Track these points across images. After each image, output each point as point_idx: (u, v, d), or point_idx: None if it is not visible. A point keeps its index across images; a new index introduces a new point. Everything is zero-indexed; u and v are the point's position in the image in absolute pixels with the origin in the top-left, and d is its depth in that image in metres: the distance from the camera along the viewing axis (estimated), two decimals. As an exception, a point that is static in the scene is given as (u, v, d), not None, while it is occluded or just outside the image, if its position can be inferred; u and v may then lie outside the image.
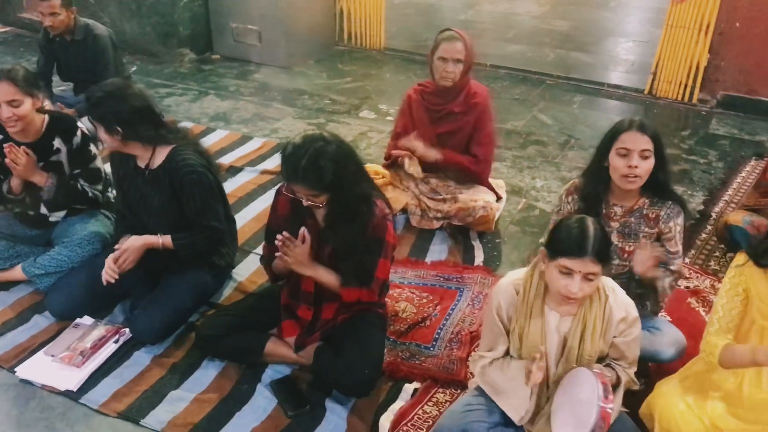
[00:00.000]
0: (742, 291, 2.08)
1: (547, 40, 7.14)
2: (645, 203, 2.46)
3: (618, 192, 2.45)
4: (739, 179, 4.18)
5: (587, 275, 1.92)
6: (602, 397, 1.83)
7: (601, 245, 1.93)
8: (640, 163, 2.31)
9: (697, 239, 3.54)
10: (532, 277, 2.10)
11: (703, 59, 5.20)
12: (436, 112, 3.42)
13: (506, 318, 2.14)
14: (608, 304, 2.07)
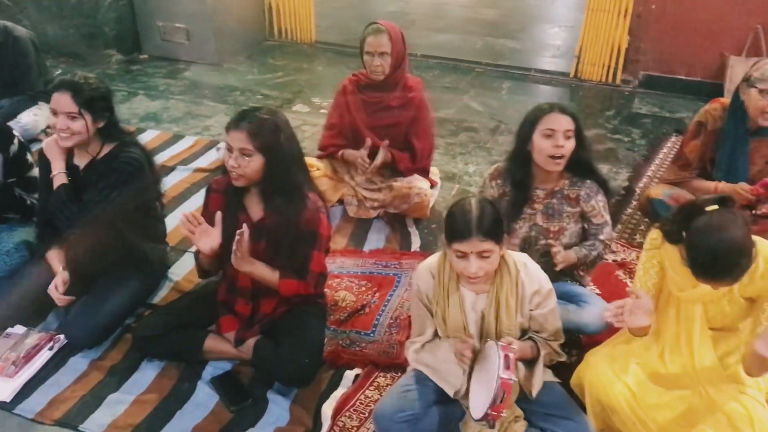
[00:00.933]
0: (657, 264, 2.19)
1: (476, 28, 7.25)
2: (565, 184, 2.56)
3: (539, 175, 2.53)
4: (661, 155, 4.36)
5: (481, 254, 1.99)
6: (503, 367, 1.88)
7: (487, 223, 1.99)
8: (565, 143, 2.40)
9: (623, 214, 3.68)
10: (445, 261, 2.16)
11: (623, 41, 5.38)
12: (373, 105, 3.45)
13: (427, 301, 2.20)
14: (520, 279, 2.14)
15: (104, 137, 2.64)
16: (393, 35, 3.27)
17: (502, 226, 2.09)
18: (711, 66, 5.21)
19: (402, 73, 3.40)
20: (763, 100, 2.82)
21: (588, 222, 2.60)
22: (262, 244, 2.42)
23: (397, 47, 3.29)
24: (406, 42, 3.39)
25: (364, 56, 3.33)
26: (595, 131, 4.76)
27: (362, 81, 3.45)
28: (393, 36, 3.27)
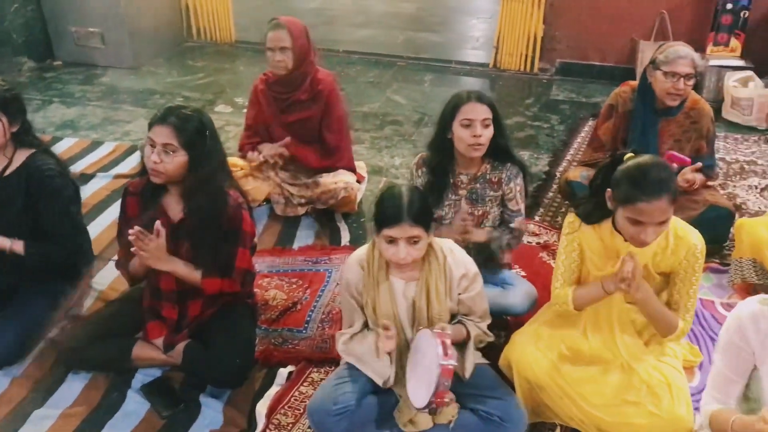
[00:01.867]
0: (577, 246, 2.26)
1: (397, 23, 7.32)
2: (487, 168, 2.61)
3: (462, 161, 2.58)
4: (579, 139, 4.50)
5: (410, 239, 2.02)
6: (442, 354, 1.91)
7: (416, 209, 2.02)
8: (483, 131, 2.45)
9: (544, 198, 3.79)
10: (373, 251, 2.18)
11: (539, 30, 5.53)
12: (283, 101, 3.44)
13: (357, 293, 2.22)
14: (447, 264, 2.18)
15: (17, 143, 2.56)
16: (293, 30, 3.25)
17: (431, 213, 2.13)
18: (623, 51, 5.41)
19: (309, 66, 3.37)
20: (669, 81, 2.95)
21: (505, 207, 2.66)
22: (184, 245, 2.38)
23: (299, 41, 3.27)
24: (311, 36, 3.37)
25: (267, 53, 3.32)
26: (515, 119, 4.88)
27: (271, 78, 3.44)
28: (293, 30, 3.25)
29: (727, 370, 1.85)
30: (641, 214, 1.94)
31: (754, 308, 1.78)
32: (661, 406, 2.11)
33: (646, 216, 1.94)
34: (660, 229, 1.99)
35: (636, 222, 1.97)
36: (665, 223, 1.99)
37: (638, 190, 1.93)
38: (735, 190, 3.88)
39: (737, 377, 1.84)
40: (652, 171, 1.95)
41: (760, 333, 1.76)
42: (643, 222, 1.96)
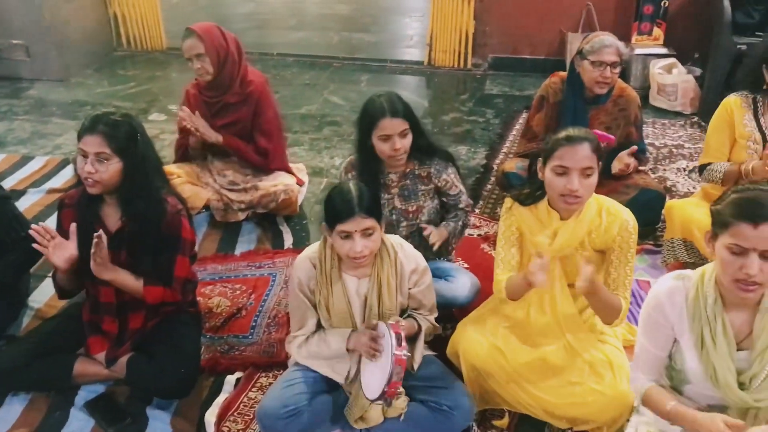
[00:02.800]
0: (515, 230, 2.31)
1: (331, 24, 7.32)
2: (415, 165, 2.65)
3: (388, 161, 2.61)
4: (514, 131, 4.59)
5: (365, 232, 2.04)
6: (395, 345, 1.95)
7: (367, 200, 2.04)
8: (402, 142, 2.48)
9: (483, 190, 3.85)
10: (325, 249, 2.18)
11: (470, 27, 5.61)
12: (213, 105, 3.40)
13: (309, 292, 2.21)
14: (398, 259, 2.20)
15: None
16: (204, 35, 3.21)
17: (380, 204, 2.16)
18: (552, 43, 5.54)
19: (234, 68, 3.33)
20: (596, 70, 3.03)
21: (445, 195, 2.70)
22: (123, 254, 2.34)
23: (214, 45, 3.23)
24: (232, 37, 3.33)
25: (188, 63, 3.29)
26: (452, 115, 4.94)
27: (202, 84, 3.40)
28: (204, 36, 3.21)
29: (651, 345, 1.91)
30: (564, 158, 2.07)
31: (669, 284, 1.86)
32: (604, 384, 2.17)
33: (569, 160, 2.06)
34: (586, 182, 2.08)
35: (561, 171, 2.08)
36: (590, 177, 2.09)
37: (563, 140, 2.08)
38: (665, 174, 4.02)
39: (661, 352, 1.91)
40: (575, 129, 2.13)
41: (676, 307, 1.83)
42: (567, 168, 2.06)
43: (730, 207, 1.68)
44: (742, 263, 1.65)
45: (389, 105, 2.46)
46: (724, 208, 1.71)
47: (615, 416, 2.16)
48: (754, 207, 1.64)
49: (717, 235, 1.72)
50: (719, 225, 1.71)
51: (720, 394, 1.80)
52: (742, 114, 2.77)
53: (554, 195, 2.16)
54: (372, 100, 2.50)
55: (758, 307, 1.77)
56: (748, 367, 1.77)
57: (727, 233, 1.67)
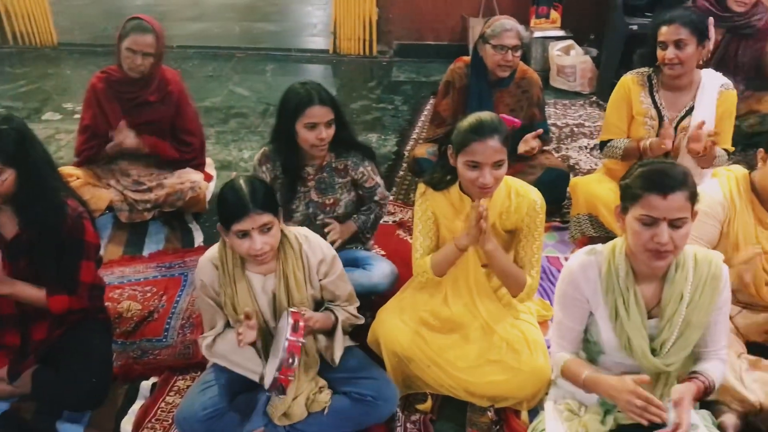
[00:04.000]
0: (431, 214, 2.33)
1: (232, 14, 7.16)
2: (332, 157, 2.63)
3: (306, 153, 2.57)
4: (422, 117, 4.62)
5: (262, 228, 1.99)
6: (290, 331, 1.91)
7: (261, 196, 1.99)
8: (327, 132, 2.46)
9: (395, 177, 3.87)
10: (225, 249, 2.13)
11: (373, 14, 5.61)
12: (129, 101, 3.24)
13: (214, 293, 2.15)
14: (303, 251, 2.16)
15: None
16: (159, 35, 3.11)
17: (275, 197, 2.11)
18: (455, 29, 5.61)
19: (159, 67, 3.25)
20: (498, 54, 3.09)
21: (361, 188, 2.70)
22: (23, 263, 2.20)
23: (161, 46, 3.15)
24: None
25: (123, 51, 3.11)
26: (360, 103, 4.93)
27: (114, 77, 3.23)
28: (159, 35, 3.11)
29: (567, 319, 1.97)
30: (475, 154, 2.08)
31: (582, 259, 1.92)
32: (521, 360, 2.23)
33: (480, 155, 2.08)
34: (497, 173, 2.11)
35: (473, 165, 2.10)
36: (501, 167, 2.12)
37: (472, 133, 2.09)
38: (568, 152, 4.15)
39: (577, 325, 1.97)
40: (483, 116, 2.14)
41: (590, 281, 1.89)
42: (479, 162, 2.08)
43: (639, 180, 1.75)
44: (653, 233, 1.72)
45: (317, 93, 2.44)
46: (633, 182, 1.77)
47: (534, 391, 2.22)
48: (662, 178, 1.71)
49: (627, 209, 1.79)
50: (629, 198, 1.77)
51: (634, 361, 1.87)
52: (639, 92, 2.89)
53: (467, 184, 2.19)
54: (295, 88, 2.47)
55: (665, 277, 1.85)
56: (658, 334, 1.86)
57: (637, 205, 1.74)
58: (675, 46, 2.71)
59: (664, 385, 1.89)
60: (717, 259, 1.87)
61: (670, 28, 2.71)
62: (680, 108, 2.85)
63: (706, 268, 1.85)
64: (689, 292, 1.83)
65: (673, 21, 2.71)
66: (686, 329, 1.84)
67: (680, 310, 1.83)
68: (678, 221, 1.71)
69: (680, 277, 1.84)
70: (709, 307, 1.84)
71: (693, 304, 1.83)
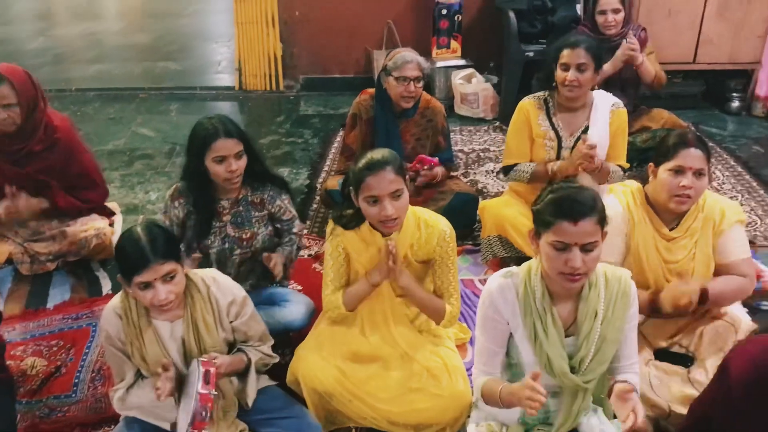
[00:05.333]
0: (341, 250, 2.33)
1: (132, 54, 7.03)
2: (248, 191, 2.60)
3: (220, 187, 2.54)
4: (333, 149, 4.64)
5: (163, 278, 1.93)
6: (202, 383, 1.87)
7: (161, 244, 1.93)
8: (237, 164, 2.44)
9: (309, 210, 3.86)
10: (128, 299, 2.06)
11: (278, 49, 5.62)
12: (12, 154, 3.04)
13: (120, 344, 2.08)
14: (212, 294, 2.12)
15: None
16: (16, 82, 2.91)
17: (176, 244, 2.06)
18: (359, 62, 5.69)
19: (40, 115, 3.05)
20: (400, 86, 3.15)
21: (279, 221, 2.68)
22: None
23: (26, 93, 2.95)
24: (36, 80, 3.04)
25: None
26: (270, 138, 4.91)
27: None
28: (16, 83, 2.90)
29: (489, 342, 2.00)
30: (371, 188, 2.12)
31: (500, 282, 1.96)
32: (442, 386, 2.25)
33: (376, 189, 2.11)
34: (398, 204, 2.14)
35: (373, 200, 2.13)
36: (401, 197, 2.15)
37: (365, 170, 2.12)
38: (476, 177, 4.26)
39: (498, 348, 2.00)
40: (374, 153, 2.17)
41: (508, 303, 1.93)
42: (377, 196, 2.12)
43: (550, 207, 1.80)
44: (566, 258, 1.77)
45: (222, 126, 2.42)
46: (544, 208, 1.82)
47: (455, 416, 2.24)
48: (572, 205, 1.77)
49: (540, 234, 1.84)
50: (541, 224, 1.82)
51: (554, 381, 1.91)
52: (537, 115, 3.01)
53: (372, 221, 2.22)
54: (202, 123, 2.44)
55: (580, 295, 1.91)
56: (576, 352, 1.91)
57: (550, 231, 1.79)
58: (576, 69, 2.84)
59: (582, 400, 1.94)
60: (626, 276, 1.96)
61: (575, 52, 2.83)
62: (576, 128, 2.99)
63: (616, 285, 1.93)
64: (602, 309, 1.90)
65: (577, 45, 2.84)
66: (602, 345, 1.90)
67: (595, 327, 1.89)
68: (589, 245, 1.77)
69: (593, 295, 1.90)
70: (622, 322, 1.91)
71: (607, 321, 1.90)
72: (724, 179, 4.21)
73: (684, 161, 2.25)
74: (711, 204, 2.39)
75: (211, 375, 1.89)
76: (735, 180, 4.20)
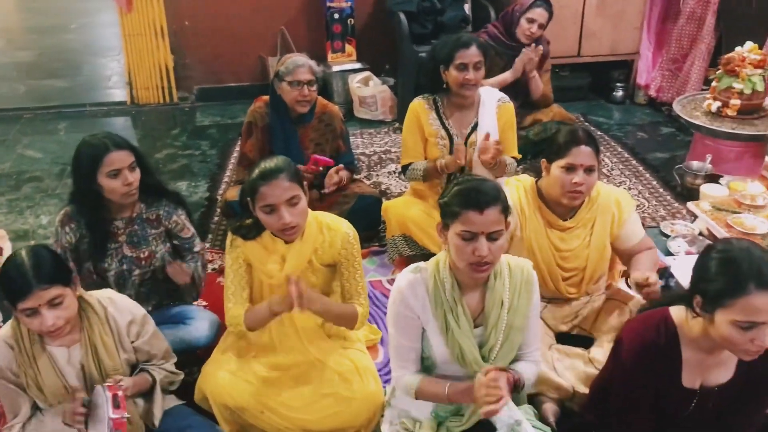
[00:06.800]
0: (242, 262, 2.29)
1: (13, 73, 6.67)
2: (142, 208, 2.52)
3: (114, 207, 2.45)
4: (232, 160, 4.56)
5: (49, 303, 1.86)
6: (111, 408, 1.82)
7: (47, 269, 1.87)
8: (133, 175, 2.37)
9: (210, 223, 3.78)
10: (19, 326, 1.97)
11: (169, 61, 5.48)
12: None
13: (13, 376, 1.98)
14: (110, 315, 2.05)
15: None
16: None
17: (65, 267, 1.98)
18: (254, 70, 5.62)
19: None
20: (294, 90, 3.14)
21: (177, 239, 2.60)
22: None
23: None
24: None
25: None
26: (166, 152, 4.78)
27: None
28: None
29: (403, 339, 2.01)
30: (266, 197, 2.10)
31: (409, 278, 1.98)
32: (353, 389, 2.25)
33: (271, 197, 2.10)
34: (294, 210, 2.14)
35: (269, 210, 2.12)
36: (297, 204, 2.14)
37: (260, 180, 2.10)
38: (379, 178, 4.29)
39: (413, 343, 2.01)
40: (267, 162, 2.15)
41: (418, 298, 1.96)
42: (273, 205, 2.11)
43: (457, 198, 1.84)
44: (473, 247, 1.81)
45: (110, 139, 2.34)
46: (450, 200, 1.86)
47: (369, 416, 2.25)
48: (477, 195, 1.81)
49: (448, 225, 1.87)
50: (449, 215, 1.86)
51: (466, 371, 1.95)
52: (428, 115, 3.06)
53: (272, 230, 2.20)
54: (87, 141, 2.36)
55: (486, 285, 1.96)
56: (485, 341, 1.95)
57: (457, 222, 1.82)
58: (474, 68, 2.90)
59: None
60: (528, 266, 2.02)
61: (470, 51, 2.89)
62: (466, 125, 3.06)
63: (519, 275, 1.99)
64: (508, 298, 1.95)
65: (470, 44, 2.91)
66: (510, 333, 1.95)
67: (502, 316, 1.94)
68: (495, 234, 1.82)
69: (499, 284, 1.95)
70: (527, 310, 1.97)
71: (513, 309, 1.95)
72: (613, 165, 4.42)
73: (575, 159, 2.34)
74: (605, 195, 2.51)
75: (120, 398, 1.84)
76: (623, 166, 4.42)
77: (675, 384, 1.85)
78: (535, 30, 3.96)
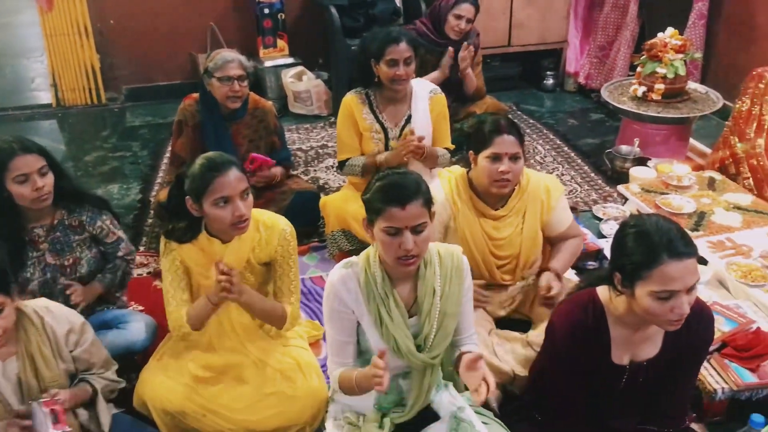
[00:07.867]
0: (179, 264, 2.25)
1: (-72, 78, 6.36)
2: (63, 214, 2.44)
3: (31, 214, 2.37)
4: (165, 160, 4.46)
5: None
6: (51, 425, 1.78)
7: None
8: (43, 180, 2.28)
9: (144, 226, 3.70)
10: None
11: (95, 61, 5.33)
12: None
13: None
14: (47, 325, 1.98)
15: None
16: None
17: (5, 275, 1.89)
18: (185, 67, 5.51)
19: None
20: (225, 86, 3.09)
21: (102, 244, 2.53)
22: None
23: None
24: None
25: None
26: (95, 154, 4.65)
27: None
28: None
29: (338, 334, 2.01)
30: (222, 189, 2.06)
31: (341, 273, 1.97)
32: (296, 387, 2.24)
33: (227, 189, 2.06)
34: (246, 203, 2.11)
35: (224, 202, 2.07)
36: (245, 198, 2.12)
37: (212, 171, 2.06)
38: (317, 174, 4.27)
39: (348, 338, 2.01)
40: (214, 155, 2.13)
41: (351, 293, 1.95)
42: (228, 197, 2.07)
43: (378, 194, 1.84)
44: (399, 241, 1.81)
45: (19, 143, 2.25)
46: (373, 197, 1.85)
47: (313, 413, 2.24)
48: (398, 191, 1.81)
49: (373, 221, 1.87)
50: (372, 212, 1.85)
51: (402, 361, 1.96)
52: (361, 109, 3.06)
53: (221, 227, 2.15)
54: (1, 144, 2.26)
55: (417, 275, 1.97)
56: (420, 330, 1.96)
57: (381, 218, 1.82)
58: (404, 63, 2.91)
59: (431, 376, 2.01)
60: (458, 251, 2.04)
61: (401, 47, 2.90)
62: (400, 118, 3.08)
63: (449, 262, 2.00)
64: (440, 286, 1.96)
65: (400, 39, 2.91)
66: (444, 320, 1.97)
67: (435, 304, 1.95)
68: (419, 227, 1.82)
69: (430, 273, 1.96)
70: (459, 296, 1.99)
71: (445, 296, 1.96)
72: (546, 153, 4.51)
73: (499, 148, 2.38)
74: (534, 183, 2.56)
75: (59, 413, 1.80)
76: (555, 152, 4.51)
77: (605, 361, 1.91)
78: (464, 26, 3.97)
